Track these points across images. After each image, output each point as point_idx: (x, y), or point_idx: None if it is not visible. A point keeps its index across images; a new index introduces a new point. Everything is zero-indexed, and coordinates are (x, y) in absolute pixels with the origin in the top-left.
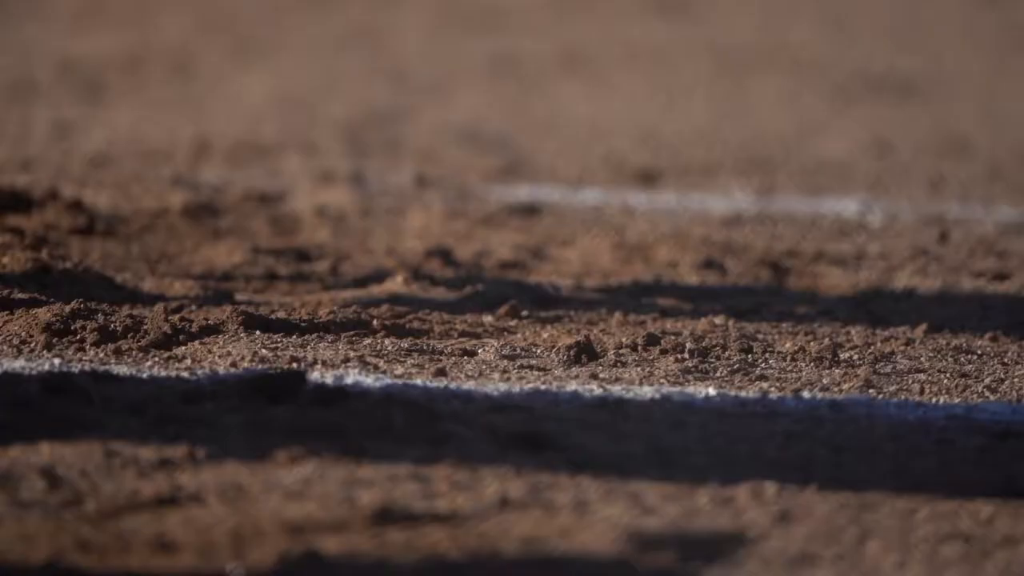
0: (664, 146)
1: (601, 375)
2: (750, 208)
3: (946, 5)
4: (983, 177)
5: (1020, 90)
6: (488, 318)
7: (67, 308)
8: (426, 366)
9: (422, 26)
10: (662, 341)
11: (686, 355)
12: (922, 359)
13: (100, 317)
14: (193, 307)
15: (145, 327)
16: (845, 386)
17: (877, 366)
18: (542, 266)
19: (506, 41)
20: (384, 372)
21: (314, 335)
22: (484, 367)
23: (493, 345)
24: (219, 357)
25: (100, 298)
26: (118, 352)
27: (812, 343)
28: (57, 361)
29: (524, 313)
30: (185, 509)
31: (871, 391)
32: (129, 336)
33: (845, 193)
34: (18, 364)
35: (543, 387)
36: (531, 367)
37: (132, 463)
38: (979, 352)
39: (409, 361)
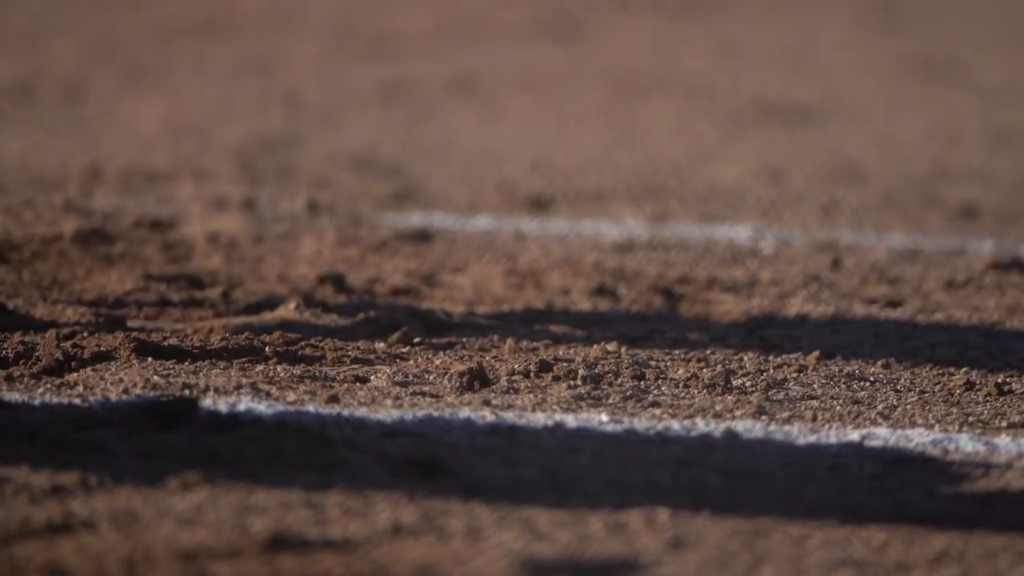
0: (556, 172)
1: (494, 401)
2: (643, 234)
3: (840, 32)
4: (876, 204)
5: (912, 117)
6: (380, 344)
7: None
8: (318, 393)
9: (314, 53)
10: (554, 368)
11: (579, 381)
12: (815, 386)
13: None
14: (85, 334)
15: (37, 354)
16: (738, 412)
17: (770, 393)
18: (434, 292)
19: (398, 67)
20: (277, 399)
21: (206, 362)
22: (377, 393)
23: (386, 371)
24: (111, 384)
25: None
26: (10, 379)
27: (705, 369)
28: None
29: (416, 339)
30: (78, 536)
31: (764, 418)
32: (21, 363)
33: (738, 220)
34: None
35: (436, 413)
36: (424, 393)
37: (24, 490)
38: (872, 379)
39: (302, 388)
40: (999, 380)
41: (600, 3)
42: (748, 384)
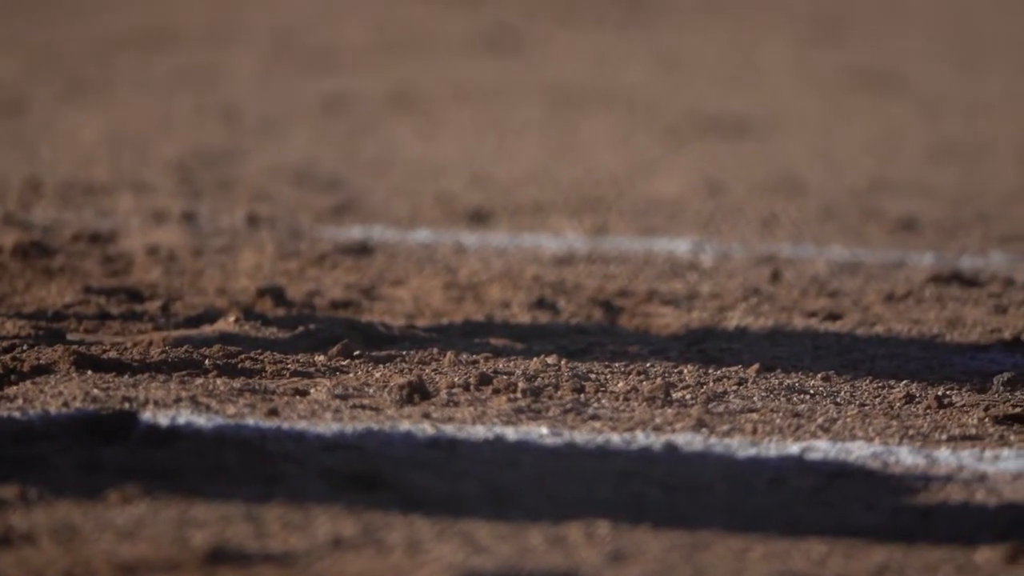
0: (496, 185)
1: (433, 414)
2: (582, 248)
3: (779, 46)
4: (815, 216)
5: (852, 130)
6: (320, 358)
7: None
8: (258, 406)
9: (254, 66)
10: (494, 380)
11: (519, 395)
12: (755, 399)
13: None
14: (24, 347)
15: None
16: (678, 425)
17: (710, 406)
18: (374, 305)
19: (338, 81)
20: (216, 412)
21: (146, 375)
22: (316, 407)
23: (325, 385)
24: (51, 397)
25: None
26: None
27: (645, 383)
28: None
29: (356, 352)
30: (18, 549)
31: (704, 430)
32: None
33: (677, 233)
34: None
35: (375, 427)
36: (363, 407)
37: None
38: (811, 392)
39: (241, 401)
40: (939, 393)
41: (540, 17)
42: (688, 397)
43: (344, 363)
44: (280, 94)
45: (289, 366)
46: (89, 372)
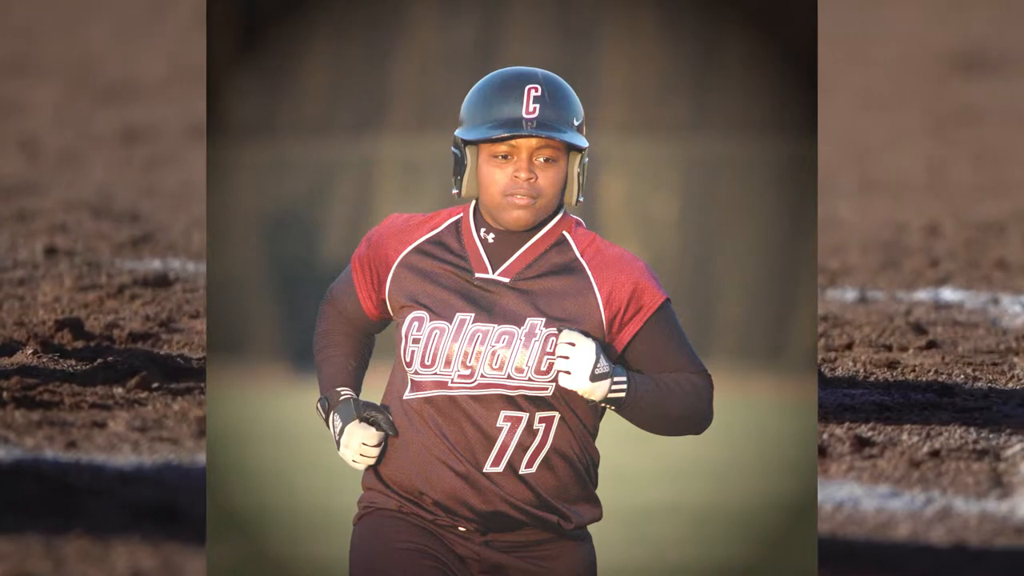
0: None
1: None
2: None
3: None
4: None
5: None
6: (119, 390)
7: None
8: (57, 438)
9: (53, 98)
10: None
11: None
12: None
13: None
14: None
15: None
16: None
17: None
18: (173, 338)
19: (138, 112)
20: (15, 444)
21: None
22: (115, 439)
23: (124, 417)
24: None
25: None
26: None
27: None
28: None
29: (155, 385)
30: None
31: None
32: None
33: None
34: None
35: (174, 460)
36: (162, 439)
37: None
38: None
39: (40, 433)
40: None
41: None
42: None
43: (143, 395)
44: (79, 126)
45: (88, 398)
46: None
